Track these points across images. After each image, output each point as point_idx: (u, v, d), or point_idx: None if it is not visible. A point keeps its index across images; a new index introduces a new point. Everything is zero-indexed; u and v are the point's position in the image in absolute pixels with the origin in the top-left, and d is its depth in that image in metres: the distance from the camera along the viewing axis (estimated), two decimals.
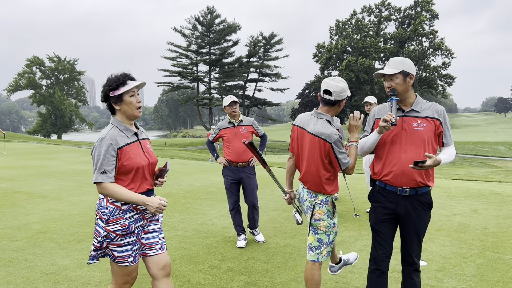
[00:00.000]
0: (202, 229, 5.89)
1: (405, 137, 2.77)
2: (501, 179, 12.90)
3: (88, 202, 7.79)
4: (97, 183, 2.50)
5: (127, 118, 2.66)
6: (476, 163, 33.01)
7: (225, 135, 5.19)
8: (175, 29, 54.99)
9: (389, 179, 2.81)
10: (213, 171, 13.59)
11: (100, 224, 2.55)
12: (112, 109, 2.66)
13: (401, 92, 2.77)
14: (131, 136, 2.65)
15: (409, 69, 2.77)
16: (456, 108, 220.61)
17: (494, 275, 4.01)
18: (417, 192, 2.77)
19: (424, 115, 2.78)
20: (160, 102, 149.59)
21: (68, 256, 4.63)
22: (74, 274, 4.08)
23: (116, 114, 2.67)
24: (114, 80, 2.59)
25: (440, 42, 50.74)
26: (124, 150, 2.56)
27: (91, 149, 2.53)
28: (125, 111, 2.63)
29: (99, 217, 2.56)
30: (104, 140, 2.52)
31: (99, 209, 2.57)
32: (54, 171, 12.78)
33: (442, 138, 2.81)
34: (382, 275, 2.88)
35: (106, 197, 2.57)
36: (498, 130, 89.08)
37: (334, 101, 2.99)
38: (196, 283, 3.87)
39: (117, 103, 2.61)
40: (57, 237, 5.40)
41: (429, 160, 2.56)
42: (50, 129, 71.02)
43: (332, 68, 56.82)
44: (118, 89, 2.59)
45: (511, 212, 6.79)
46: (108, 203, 2.55)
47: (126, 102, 2.61)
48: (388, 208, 2.85)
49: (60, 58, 71.25)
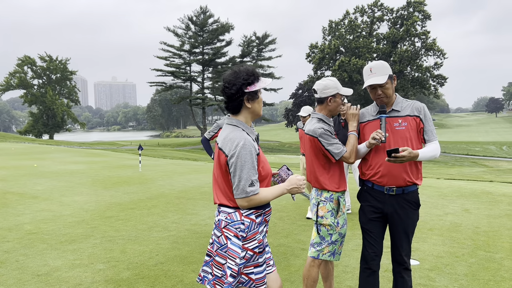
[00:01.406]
0: (195, 229, 5.87)
1: (388, 137, 2.80)
2: (492, 178, 13.01)
3: (80, 202, 7.74)
4: (241, 198, 2.18)
5: (253, 117, 2.38)
6: (468, 162, 33.28)
7: None
8: (168, 28, 54.81)
9: (376, 179, 2.84)
10: (206, 171, 13.58)
11: (237, 243, 2.21)
12: (236, 107, 2.32)
13: (390, 95, 2.82)
14: (254, 139, 2.35)
15: (391, 71, 2.83)
16: (448, 108, 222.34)
17: (485, 274, 4.04)
18: (404, 191, 2.80)
19: (404, 113, 2.81)
20: (153, 102, 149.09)
21: (60, 257, 4.60)
22: (66, 275, 4.05)
23: (240, 113, 2.33)
24: (251, 74, 2.29)
25: (432, 43, 51.06)
26: (260, 156, 2.29)
27: (230, 157, 2.18)
28: (255, 110, 2.35)
29: (234, 234, 2.21)
30: (246, 146, 2.18)
31: (232, 226, 2.22)
32: (45, 171, 12.68)
33: (423, 134, 2.84)
34: (373, 274, 2.90)
35: (238, 210, 2.24)
36: (489, 130, 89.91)
37: (320, 99, 3.01)
38: (189, 283, 3.86)
39: (252, 100, 2.31)
40: (49, 238, 5.35)
41: (404, 151, 2.57)
42: (42, 129, 70.55)
43: (325, 68, 56.93)
44: (254, 84, 2.29)
45: (502, 211, 6.85)
46: (242, 217, 2.23)
47: (259, 100, 2.35)
48: (376, 207, 2.87)
49: (52, 57, 70.82)
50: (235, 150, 2.18)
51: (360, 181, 3.04)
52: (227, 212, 2.26)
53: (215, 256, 2.27)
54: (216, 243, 2.27)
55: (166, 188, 9.62)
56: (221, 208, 2.31)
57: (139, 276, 4.01)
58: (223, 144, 2.27)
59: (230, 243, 2.22)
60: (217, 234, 2.27)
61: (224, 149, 2.24)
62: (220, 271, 2.25)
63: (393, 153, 2.57)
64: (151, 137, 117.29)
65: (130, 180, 10.89)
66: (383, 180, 2.81)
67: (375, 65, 2.81)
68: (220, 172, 2.31)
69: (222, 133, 2.36)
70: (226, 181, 2.28)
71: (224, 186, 2.30)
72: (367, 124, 2.95)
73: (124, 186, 9.81)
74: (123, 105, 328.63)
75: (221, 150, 2.27)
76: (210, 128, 5.34)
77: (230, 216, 2.24)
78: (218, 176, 2.33)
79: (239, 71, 2.30)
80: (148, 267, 4.28)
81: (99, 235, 5.49)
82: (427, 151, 2.76)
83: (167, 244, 5.10)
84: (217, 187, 2.36)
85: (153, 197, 8.43)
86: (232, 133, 2.26)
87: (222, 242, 2.25)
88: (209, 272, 2.33)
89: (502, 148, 48.56)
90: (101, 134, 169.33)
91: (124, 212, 6.91)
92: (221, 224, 2.26)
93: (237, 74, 2.28)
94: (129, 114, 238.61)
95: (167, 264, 4.36)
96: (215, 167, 2.36)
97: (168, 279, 3.94)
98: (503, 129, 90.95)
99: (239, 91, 2.26)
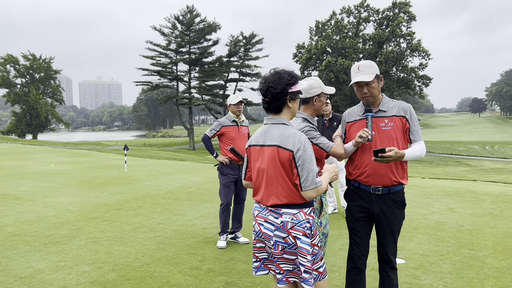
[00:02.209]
0: (182, 230, 5.83)
1: (374, 137, 2.81)
2: (476, 177, 13.22)
3: (64, 203, 7.63)
4: (311, 189, 2.31)
5: (291, 117, 2.54)
6: (452, 162, 33.78)
7: (228, 133, 5.17)
8: (154, 27, 54.34)
9: (362, 178, 2.86)
10: (192, 172, 13.52)
11: (306, 241, 2.34)
12: (279, 107, 2.45)
13: (376, 95, 2.83)
14: None
15: (378, 72, 2.84)
16: (433, 108, 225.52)
17: (469, 272, 4.09)
18: (390, 190, 2.82)
19: (390, 114, 2.83)
20: (139, 101, 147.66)
21: (43, 259, 4.52)
22: (50, 277, 3.98)
23: (281, 112, 2.47)
24: (292, 75, 2.45)
25: (417, 44, 51.66)
26: None
27: (296, 151, 2.30)
28: (294, 110, 2.53)
29: (302, 233, 2.34)
30: (307, 140, 2.37)
31: (299, 225, 2.35)
32: (29, 172, 12.47)
33: (409, 134, 2.86)
34: (360, 273, 2.91)
35: (301, 210, 2.37)
36: (472, 130, 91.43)
37: (305, 99, 3.00)
38: (176, 284, 3.83)
39: (293, 100, 2.47)
40: (32, 240, 5.26)
41: (390, 152, 2.59)
42: (25, 129, 69.42)
43: (312, 68, 57.14)
44: (295, 85, 2.45)
45: (486, 210, 6.96)
46: (306, 216, 2.38)
47: (298, 101, 2.53)
48: (362, 206, 2.89)
49: (35, 56, 69.70)
50: (300, 145, 2.31)
51: (347, 180, 3.05)
52: (292, 213, 2.36)
53: (282, 254, 2.39)
54: (282, 244, 2.37)
55: (152, 188, 9.55)
56: (281, 210, 2.38)
57: (125, 277, 3.97)
58: (282, 141, 2.36)
59: (300, 242, 2.34)
60: (282, 236, 2.36)
61: (286, 146, 2.34)
62: (291, 265, 2.41)
63: (379, 153, 2.59)
64: (137, 137, 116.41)
65: (115, 181, 10.78)
66: (369, 180, 2.83)
67: (363, 64, 2.82)
68: (281, 171, 2.38)
69: (272, 132, 2.43)
70: (290, 178, 2.37)
71: (287, 184, 2.38)
72: (353, 124, 2.96)
73: (110, 187, 9.70)
74: (109, 105, 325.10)
75: (281, 147, 2.35)
76: (212, 127, 5.28)
77: (296, 217, 2.35)
78: (277, 175, 2.39)
79: (282, 72, 2.45)
80: (134, 268, 4.23)
81: (84, 237, 5.41)
82: (413, 151, 2.79)
83: (153, 245, 5.06)
84: (275, 187, 2.41)
85: (139, 197, 8.36)
86: (288, 130, 2.39)
87: (289, 242, 2.35)
88: (278, 272, 2.46)
89: (485, 147, 49.40)
90: (86, 134, 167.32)
91: (110, 213, 6.84)
92: (286, 225, 2.35)
93: (280, 75, 2.42)
94: (115, 113, 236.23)
95: (153, 265, 4.32)
96: (270, 167, 2.42)
97: (154, 280, 3.91)
98: (486, 129, 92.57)
99: (284, 90, 2.40)
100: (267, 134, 2.46)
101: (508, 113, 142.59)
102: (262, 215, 2.46)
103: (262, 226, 2.45)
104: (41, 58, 70.30)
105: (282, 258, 2.41)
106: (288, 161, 2.35)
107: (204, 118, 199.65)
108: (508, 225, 5.93)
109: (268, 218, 2.43)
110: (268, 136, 2.44)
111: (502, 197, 8.13)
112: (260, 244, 2.51)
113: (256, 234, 2.51)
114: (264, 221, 2.45)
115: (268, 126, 2.48)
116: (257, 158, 2.51)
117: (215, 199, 8.14)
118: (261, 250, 2.53)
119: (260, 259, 2.55)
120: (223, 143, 5.19)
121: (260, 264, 2.55)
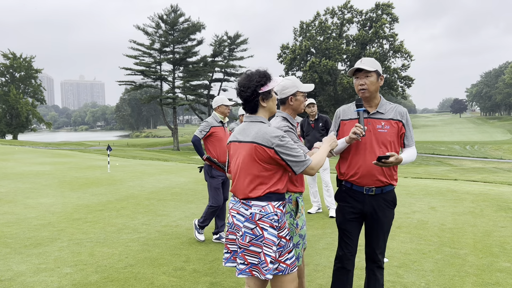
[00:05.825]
0: (166, 230, 5.79)
1: (370, 138, 2.81)
2: (456, 177, 13.47)
3: (46, 204, 7.50)
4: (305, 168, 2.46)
5: (269, 115, 2.64)
6: (434, 161, 34.34)
7: (217, 133, 5.15)
8: (138, 27, 53.84)
9: (355, 179, 2.86)
10: (176, 172, 13.43)
11: (273, 232, 2.44)
12: (253, 108, 2.58)
13: (373, 91, 2.81)
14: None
15: (381, 70, 2.86)
16: (415, 109, 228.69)
17: (450, 270, 4.16)
18: (382, 190, 2.85)
19: (388, 117, 2.84)
20: (122, 101, 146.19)
21: (24, 261, 4.43)
22: (30, 280, 3.91)
23: (257, 112, 2.60)
24: (263, 75, 2.53)
25: (400, 45, 52.41)
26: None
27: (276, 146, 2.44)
28: (270, 108, 2.61)
29: (270, 225, 2.44)
30: (283, 132, 2.50)
31: (267, 217, 2.44)
32: (9, 173, 12.21)
33: (403, 139, 2.89)
34: (347, 273, 2.93)
35: (270, 203, 2.47)
36: (453, 130, 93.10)
37: (281, 99, 2.99)
38: (160, 285, 3.80)
39: (266, 99, 2.56)
40: (13, 242, 5.16)
41: (391, 157, 2.63)
42: (5, 129, 68.02)
43: (296, 69, 57.43)
44: (266, 85, 2.53)
45: (466, 208, 7.09)
46: (275, 208, 2.47)
47: (273, 99, 2.61)
48: (355, 207, 2.89)
49: (16, 55, 68.32)
50: (277, 140, 2.42)
51: (338, 181, 3.03)
52: (261, 206, 2.46)
53: (249, 246, 2.45)
54: (250, 235, 2.45)
55: (136, 189, 9.45)
56: (251, 202, 2.48)
57: (108, 279, 3.92)
58: (258, 138, 2.46)
59: (267, 233, 2.42)
60: (250, 227, 2.44)
61: (264, 142, 2.44)
62: (256, 258, 2.44)
63: (383, 159, 2.62)
64: (120, 137, 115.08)
65: (98, 181, 10.64)
66: (362, 181, 2.83)
67: (366, 58, 2.84)
68: (254, 165, 2.49)
69: (250, 129, 2.54)
70: (262, 172, 2.48)
71: (258, 178, 2.48)
72: (349, 122, 2.92)
73: (92, 188, 9.57)
74: (91, 105, 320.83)
75: (258, 143, 2.46)
76: (200, 127, 5.18)
77: (264, 209, 2.45)
78: (250, 169, 2.50)
79: (252, 74, 2.53)
80: (117, 270, 4.18)
81: (66, 238, 5.33)
82: (408, 156, 2.85)
83: (137, 246, 5.01)
84: (248, 181, 2.50)
85: (123, 198, 8.27)
86: (264, 127, 2.49)
87: (257, 233, 2.44)
88: (242, 263, 2.49)
89: (465, 147, 50.36)
90: (68, 134, 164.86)
91: (92, 214, 6.74)
92: (255, 217, 2.44)
93: (250, 77, 2.52)
94: (97, 113, 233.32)
95: (137, 267, 4.28)
96: (245, 162, 2.52)
97: (138, 282, 3.87)
98: (466, 129, 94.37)
99: (254, 92, 2.51)
100: (245, 131, 2.57)
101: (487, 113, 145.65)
102: (235, 207, 2.57)
103: (235, 218, 2.54)
104: (21, 57, 68.95)
105: (248, 250, 2.46)
106: (265, 157, 2.46)
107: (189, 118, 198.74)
108: (488, 223, 6.06)
109: (240, 210, 2.53)
110: (246, 133, 2.56)
111: (482, 196, 8.30)
112: (232, 236, 2.59)
113: (230, 226, 2.60)
114: (237, 213, 2.54)
115: (247, 124, 2.61)
116: (235, 153, 2.63)
117: (200, 200, 8.10)
118: (233, 242, 2.60)
119: (231, 251, 2.62)
120: (211, 143, 5.16)
121: (230, 256, 2.62)
